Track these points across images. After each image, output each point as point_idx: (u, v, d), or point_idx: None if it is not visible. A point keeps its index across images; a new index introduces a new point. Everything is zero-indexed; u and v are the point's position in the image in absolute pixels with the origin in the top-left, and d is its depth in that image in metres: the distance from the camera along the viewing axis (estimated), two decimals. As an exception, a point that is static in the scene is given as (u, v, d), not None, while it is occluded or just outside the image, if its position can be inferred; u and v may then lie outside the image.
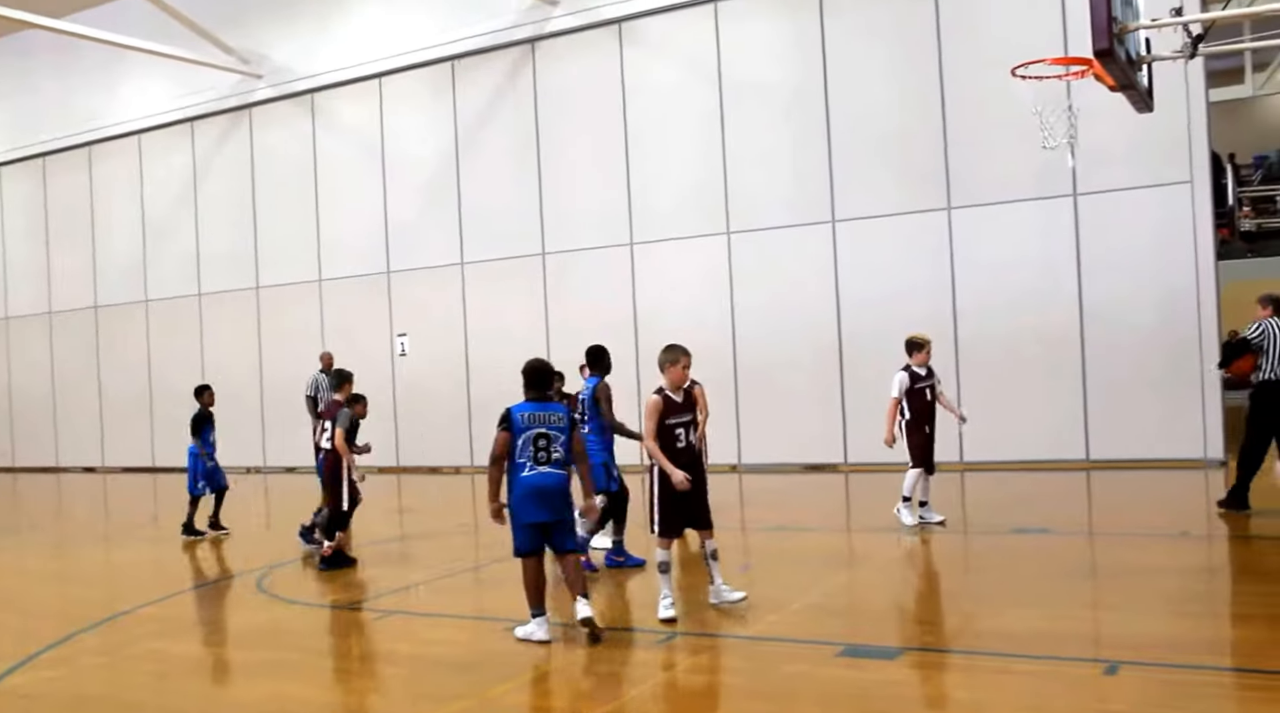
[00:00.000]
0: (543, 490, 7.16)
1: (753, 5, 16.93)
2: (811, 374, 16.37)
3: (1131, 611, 7.57)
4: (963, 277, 15.52)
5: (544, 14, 18.39)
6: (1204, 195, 14.46)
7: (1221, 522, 10.76)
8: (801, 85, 16.52)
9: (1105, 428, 14.74)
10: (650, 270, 17.61)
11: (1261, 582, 8.68)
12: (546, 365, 7.63)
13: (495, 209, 18.94)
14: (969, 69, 15.21)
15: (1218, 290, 14.51)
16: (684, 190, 17.37)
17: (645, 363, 17.22)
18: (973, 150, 15.40)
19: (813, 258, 16.38)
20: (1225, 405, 14.51)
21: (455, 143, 19.37)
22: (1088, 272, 14.86)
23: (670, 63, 17.65)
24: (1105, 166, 14.47)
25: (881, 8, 16.08)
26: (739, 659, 6.95)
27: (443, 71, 19.44)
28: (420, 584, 9.68)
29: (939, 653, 6.87)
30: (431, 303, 19.55)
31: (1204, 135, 14.49)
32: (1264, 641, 6.80)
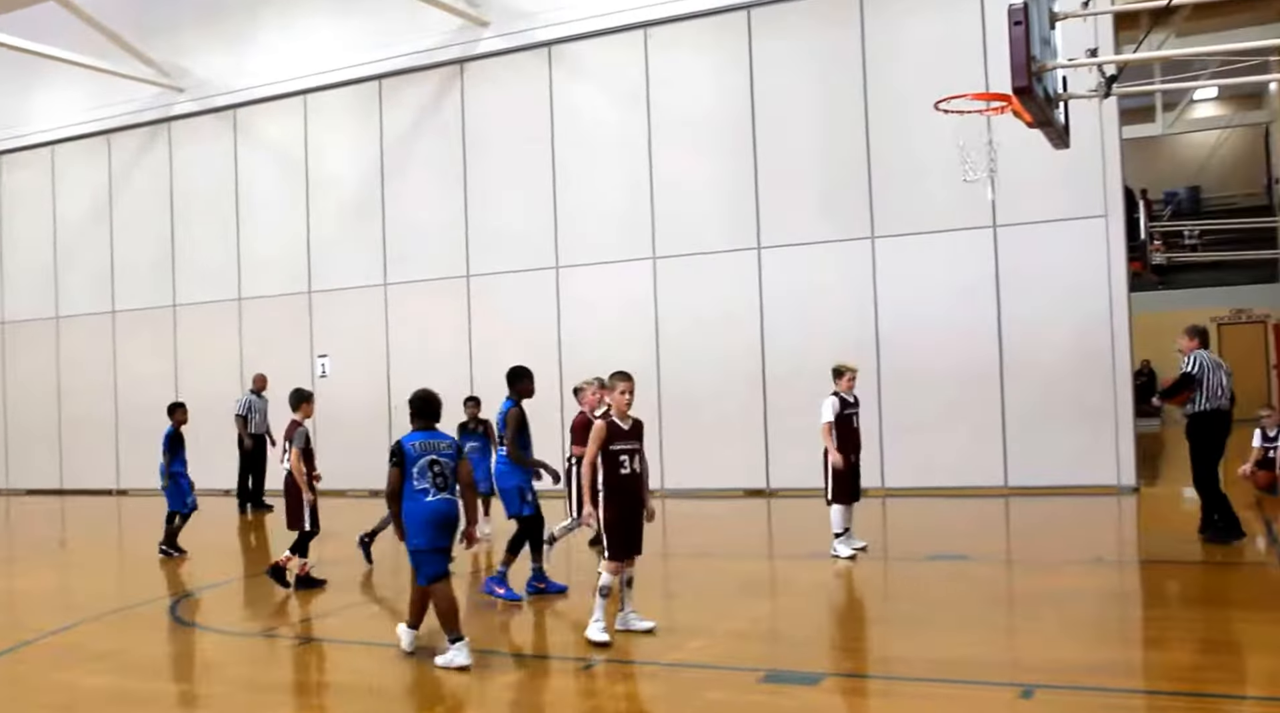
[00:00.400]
0: (445, 517, 7.24)
1: (682, 33, 17.05)
2: (735, 400, 16.44)
3: (1047, 635, 7.68)
4: (886, 305, 15.72)
5: (474, 35, 18.33)
6: (1118, 229, 14.83)
7: (1133, 548, 10.98)
8: (729, 113, 16.66)
9: (1023, 455, 15.00)
10: (576, 294, 17.58)
11: (1172, 606, 8.88)
12: (434, 396, 7.66)
13: (420, 230, 18.79)
14: (894, 100, 15.46)
15: (1130, 321, 14.86)
16: (611, 215, 17.39)
17: (569, 387, 17.17)
18: (897, 180, 15.63)
19: (737, 284, 16.48)
20: (1137, 433, 14.85)
21: (381, 162, 19.20)
22: (1006, 301, 15.15)
23: (599, 87, 17.70)
24: (1024, 199, 14.77)
25: (809, 39, 16.29)
26: (660, 687, 6.91)
27: (369, 90, 19.28)
28: (340, 611, 9.51)
29: (859, 679, 6.91)
30: (354, 324, 19.30)
31: (1118, 171, 14.87)
32: (1175, 664, 6.94)
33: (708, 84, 16.91)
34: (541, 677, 7.22)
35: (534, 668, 7.35)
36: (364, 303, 19.18)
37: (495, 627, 8.64)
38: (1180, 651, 7.25)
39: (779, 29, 16.38)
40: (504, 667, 7.48)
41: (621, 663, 7.26)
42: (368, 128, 19.30)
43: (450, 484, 7.29)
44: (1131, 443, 14.63)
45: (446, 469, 7.29)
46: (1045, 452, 14.80)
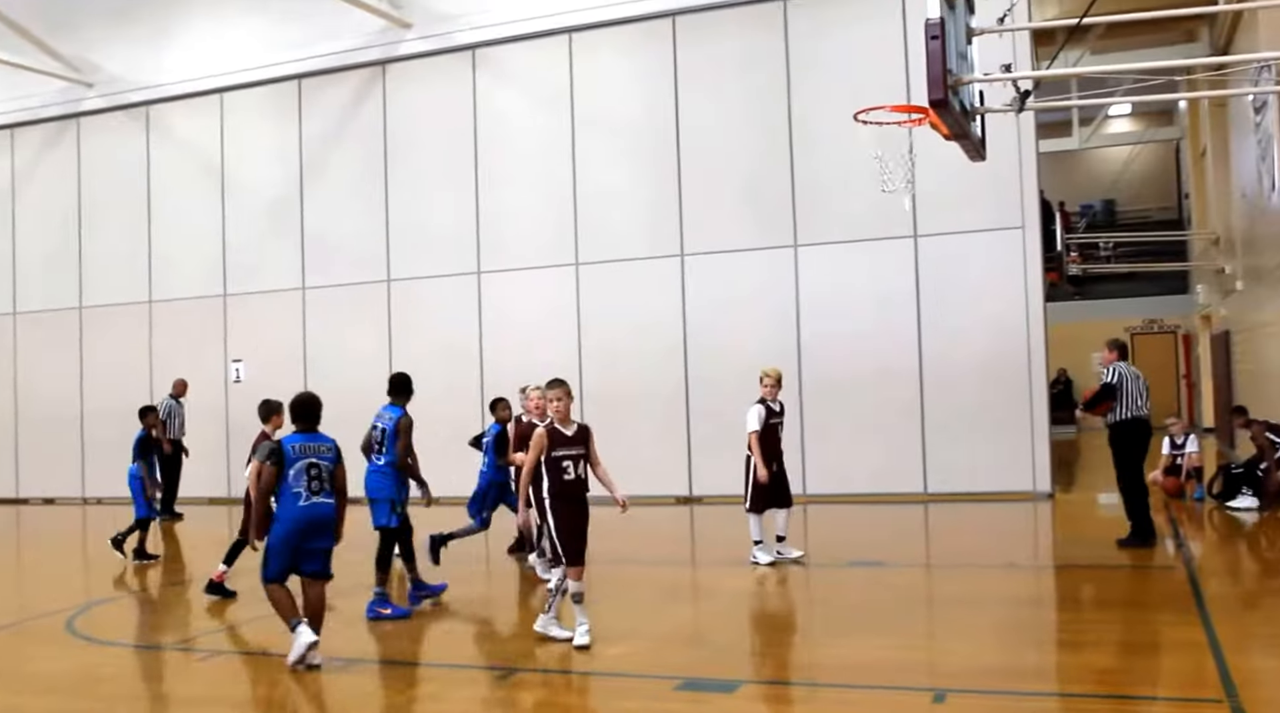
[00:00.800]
0: (317, 520, 7.27)
1: (607, 38, 17.00)
2: (658, 407, 16.40)
3: (962, 640, 7.73)
4: (807, 313, 15.80)
5: (396, 36, 18.10)
6: (1034, 240, 15.07)
7: (1048, 553, 11.12)
8: (654, 119, 16.64)
9: (941, 462, 15.15)
10: (498, 300, 17.42)
11: (1083, 609, 8.99)
12: (314, 398, 7.69)
13: (340, 233, 18.49)
14: (817, 110, 15.55)
15: (1046, 331, 15.10)
16: (534, 220, 17.27)
17: (491, 393, 16.99)
18: (820, 189, 15.73)
19: (661, 291, 16.45)
20: (1052, 441, 15.09)
21: (300, 164, 18.86)
22: (926, 311, 15.31)
23: (524, 92, 17.58)
24: (944, 210, 14.96)
25: (733, 47, 16.34)
26: (578, 696, 6.82)
27: (289, 90, 18.93)
28: (252, 622, 9.26)
29: (777, 685, 6.88)
30: (270, 328, 18.90)
31: (1034, 184, 15.11)
32: (1086, 666, 7.01)
33: (633, 90, 16.88)
34: (458, 686, 7.08)
35: (448, 678, 7.20)
36: (281, 307, 18.80)
37: (407, 637, 8.47)
38: (1092, 653, 7.33)
39: (704, 36, 16.41)
40: (417, 677, 7.34)
41: (537, 672, 7.15)
42: (287, 128, 18.95)
43: (325, 487, 7.31)
44: (1047, 450, 14.86)
45: (324, 473, 7.32)
46: (963, 459, 14.96)
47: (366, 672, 7.53)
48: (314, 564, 7.34)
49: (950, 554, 11.75)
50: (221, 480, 18.70)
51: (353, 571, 10.20)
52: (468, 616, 9.31)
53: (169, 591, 10.11)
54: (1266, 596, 9.34)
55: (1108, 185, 33.29)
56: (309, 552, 7.30)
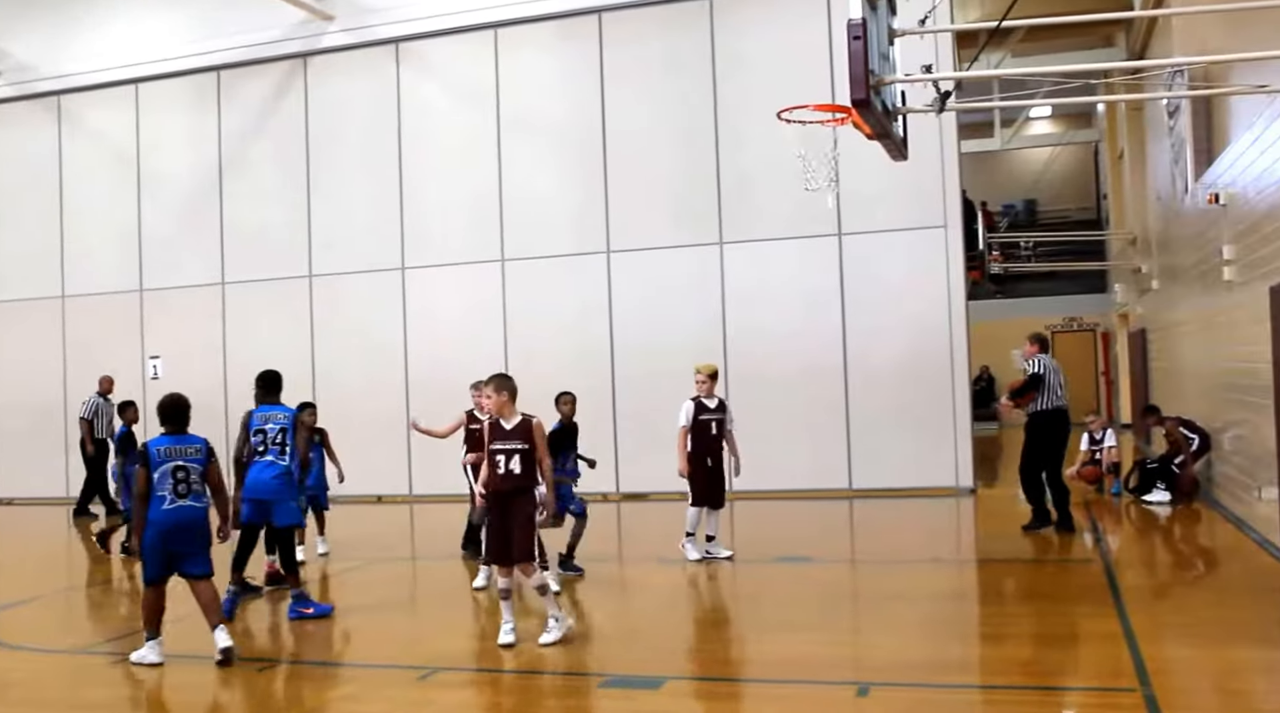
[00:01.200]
0: (183, 523, 7.26)
1: (532, 34, 16.89)
2: (584, 403, 16.24)
3: (886, 634, 7.80)
4: (733, 310, 15.85)
5: (318, 29, 17.82)
6: (956, 239, 15.27)
7: (970, 548, 11.27)
8: (579, 116, 16.58)
9: (866, 458, 15.29)
10: (422, 296, 17.24)
11: (1005, 603, 9.13)
12: (183, 400, 7.63)
13: (260, 228, 18.14)
14: (743, 108, 15.59)
15: (968, 329, 15.31)
16: (459, 216, 17.11)
17: (414, 390, 16.86)
18: (745, 187, 15.78)
19: (587, 288, 16.40)
20: (975, 437, 15.30)
21: (219, 156, 18.48)
22: (850, 308, 15.44)
23: (448, 87, 17.41)
24: (867, 209, 15.11)
25: (659, 44, 16.33)
26: (500, 694, 6.76)
27: (207, 81, 18.54)
28: (170, 623, 9.04)
29: (702, 681, 6.88)
30: (189, 324, 18.48)
31: (956, 184, 15.31)
32: (1008, 658, 7.12)
33: (558, 87, 16.80)
34: (377, 687, 6.98)
35: (369, 678, 7.10)
36: (200, 302, 18.41)
37: (329, 638, 8.34)
38: (1014, 645, 7.44)
39: (630, 33, 16.39)
40: (338, 678, 7.23)
41: (461, 671, 7.08)
42: (205, 120, 18.56)
43: (192, 490, 7.32)
44: (969, 446, 15.07)
45: (192, 475, 7.33)
46: (887, 455, 15.11)
47: (286, 674, 7.41)
48: (193, 566, 7.36)
49: (875, 550, 11.88)
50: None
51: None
52: (392, 615, 9.20)
53: (85, 593, 9.86)
54: (1178, 586, 9.56)
55: (1029, 186, 33.90)
56: (183, 555, 7.33)
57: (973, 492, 14.94)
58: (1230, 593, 8.91)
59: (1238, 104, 11.36)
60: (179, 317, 18.56)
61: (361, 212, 17.56)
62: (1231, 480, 11.96)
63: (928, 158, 14.10)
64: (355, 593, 10.05)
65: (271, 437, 8.90)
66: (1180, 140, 14.56)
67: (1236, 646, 7.03)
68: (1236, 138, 11.14)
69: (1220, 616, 7.90)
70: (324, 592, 9.98)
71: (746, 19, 15.91)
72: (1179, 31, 14.74)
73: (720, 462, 10.73)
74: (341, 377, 17.13)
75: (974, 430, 15.32)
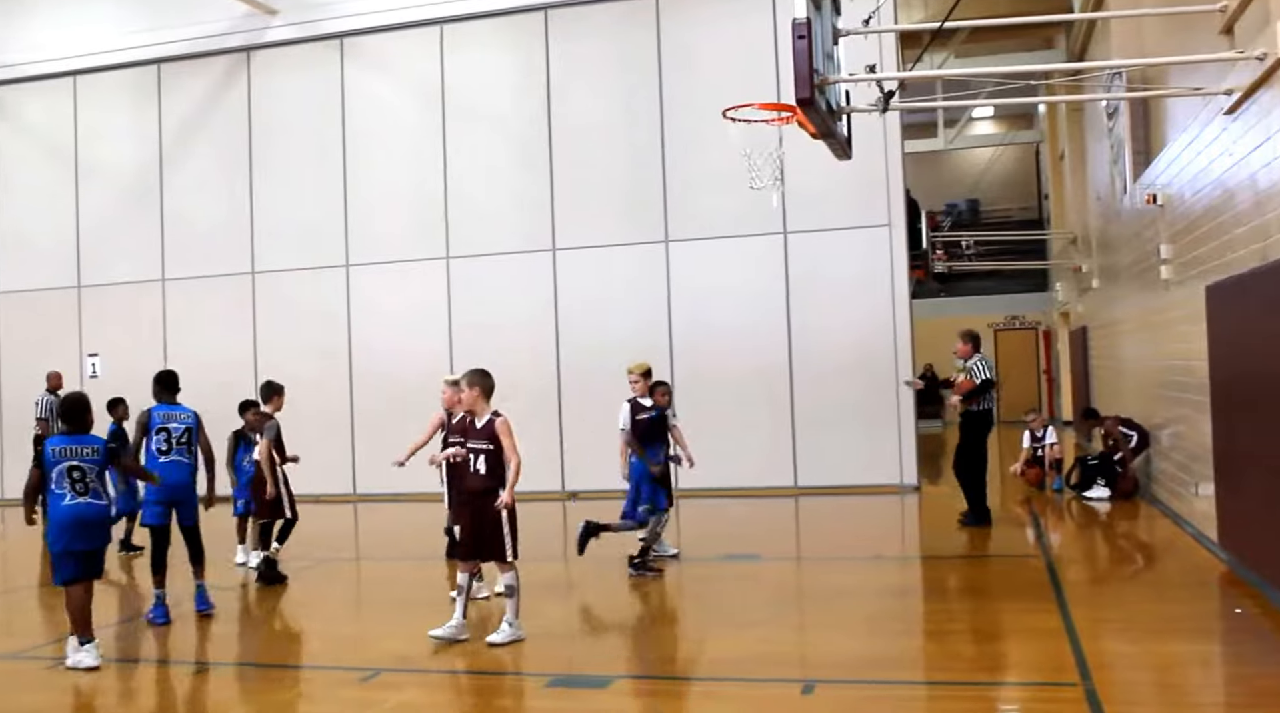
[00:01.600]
0: (84, 520, 7.29)
1: (478, 31, 16.81)
2: (530, 401, 16.26)
3: (831, 631, 7.85)
4: (679, 308, 15.88)
5: (261, 23, 17.59)
6: (900, 238, 15.40)
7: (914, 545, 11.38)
8: (526, 113, 16.52)
9: (811, 456, 15.37)
10: (367, 293, 17.10)
11: (948, 599, 9.22)
12: (83, 399, 7.68)
13: (202, 223, 17.88)
14: (689, 106, 15.60)
15: (912, 327, 15.45)
16: (404, 213, 16.99)
17: (359, 388, 16.72)
18: (691, 185, 15.81)
19: (533, 285, 16.35)
20: (918, 434, 15.44)
21: (159, 151, 18.20)
22: (795, 306, 15.53)
23: (394, 83, 17.27)
24: (813, 207, 15.18)
25: (605, 43, 16.32)
26: (447, 694, 6.72)
27: (147, 74, 18.25)
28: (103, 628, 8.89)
29: (649, 680, 6.88)
30: (128, 321, 18.18)
31: (900, 183, 15.43)
32: (951, 654, 7.19)
33: (505, 84, 16.73)
34: (323, 688, 6.92)
35: (314, 680, 7.03)
36: (140, 299, 18.12)
37: (273, 638, 8.25)
38: (957, 641, 7.51)
39: (577, 31, 16.35)
40: (283, 680, 7.15)
41: (407, 672, 7.02)
42: (145, 114, 18.26)
43: (90, 488, 7.33)
44: (913, 444, 15.21)
45: (89, 474, 7.35)
46: (832, 453, 15.21)
47: (230, 675, 7.31)
48: (98, 565, 7.49)
49: (821, 547, 11.95)
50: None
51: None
52: (337, 616, 9.12)
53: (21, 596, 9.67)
54: (1118, 582, 9.71)
55: (971, 185, 34.28)
56: (93, 553, 7.39)
57: (917, 489, 15.08)
58: (1168, 588, 9.07)
59: (1174, 106, 11.55)
60: (118, 314, 18.25)
61: (305, 208, 17.38)
62: (1169, 477, 12.17)
63: (872, 157, 14.23)
64: (300, 594, 9.94)
65: (177, 436, 8.83)
66: (1119, 141, 14.78)
67: (1174, 639, 7.16)
68: (1173, 139, 11.34)
69: (1158, 610, 8.04)
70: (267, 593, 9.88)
71: (693, 17, 15.95)
72: (1118, 34, 14.96)
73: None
74: (284, 375, 16.79)
75: (918, 428, 15.46)
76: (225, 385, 17.08)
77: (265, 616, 9.34)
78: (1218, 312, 8.92)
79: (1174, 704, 5.96)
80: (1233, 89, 8.19)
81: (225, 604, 9.09)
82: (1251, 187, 8.04)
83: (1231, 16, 8.88)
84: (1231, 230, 8.65)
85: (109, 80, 18.49)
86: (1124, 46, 14.41)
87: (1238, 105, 8.21)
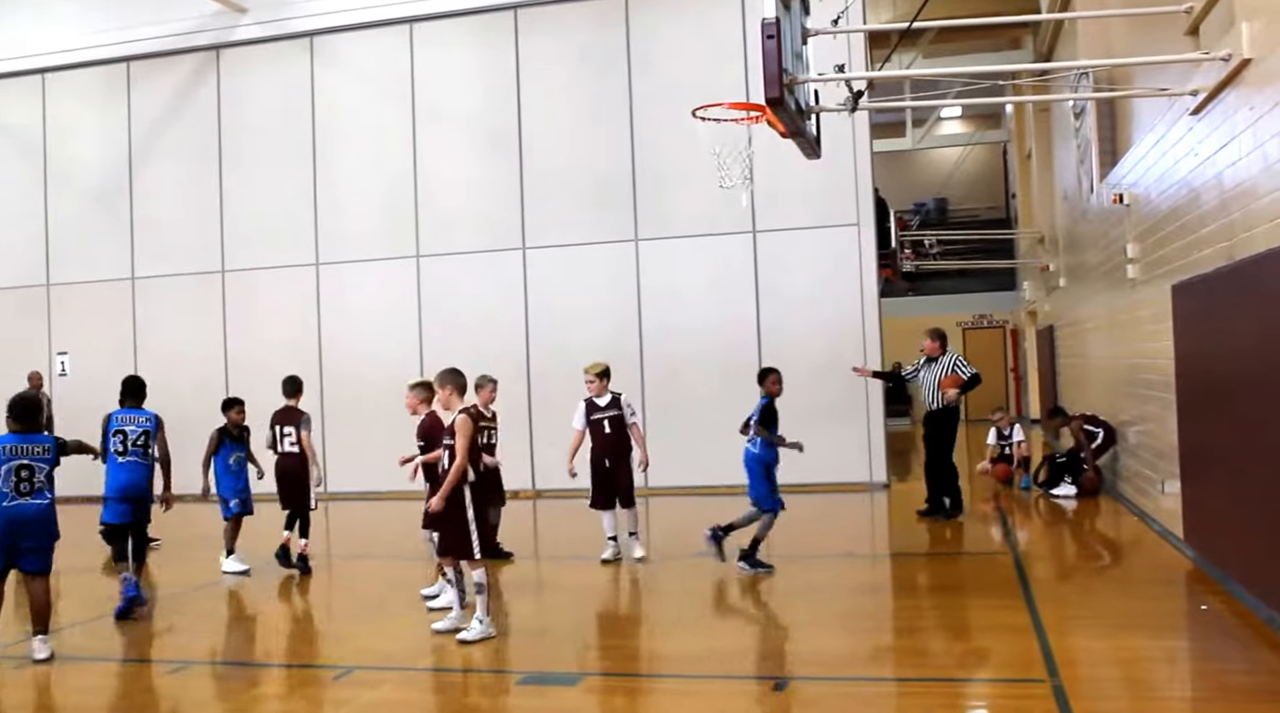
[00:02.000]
0: (21, 519, 7.33)
1: (448, 29, 16.77)
2: (500, 400, 16.17)
3: (802, 628, 7.89)
4: (649, 306, 15.90)
5: (230, 21, 17.49)
6: (869, 237, 15.48)
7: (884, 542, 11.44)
8: (495, 112, 16.50)
9: (781, 453, 15.37)
10: (337, 292, 17.03)
11: (916, 596, 9.28)
12: (31, 399, 7.85)
13: (172, 222, 17.77)
14: (659, 105, 15.63)
15: (881, 326, 15.54)
16: (374, 212, 16.94)
17: (330, 386, 16.64)
18: (661, 184, 15.84)
19: (503, 284, 16.34)
20: (887, 432, 15.53)
21: (129, 149, 18.05)
22: (765, 305, 15.58)
23: (363, 81, 17.20)
24: (782, 207, 15.24)
25: (575, 40, 16.31)
26: (418, 692, 6.71)
27: (116, 72, 18.11)
28: (76, 626, 8.83)
29: (620, 677, 6.89)
30: (98, 320, 18.04)
31: (869, 182, 15.52)
32: (921, 650, 7.24)
33: (475, 83, 16.70)
34: (297, 684, 6.89)
35: (285, 679, 7.00)
36: (110, 298, 17.97)
37: (243, 638, 8.22)
38: (927, 638, 7.57)
39: (546, 30, 16.35)
40: (255, 678, 7.11)
41: (378, 669, 7.01)
42: (115, 112, 18.11)
43: (35, 488, 7.39)
44: (882, 441, 15.30)
45: (37, 474, 7.42)
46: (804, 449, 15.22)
47: (201, 674, 7.27)
48: (30, 562, 7.42)
49: (791, 545, 11.96)
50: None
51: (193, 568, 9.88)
52: (309, 614, 9.08)
53: None
54: (1085, 579, 9.80)
55: (940, 185, 34.49)
56: (22, 550, 7.37)
57: (886, 486, 15.16)
58: (1134, 584, 9.16)
59: (1140, 106, 11.67)
60: (88, 312, 18.12)
61: (275, 206, 17.30)
62: (1136, 474, 12.29)
63: (841, 156, 14.31)
64: (271, 593, 9.89)
65: (133, 439, 8.99)
66: (1085, 141, 14.91)
67: (1141, 635, 7.24)
68: (1139, 139, 11.44)
69: (1125, 606, 8.13)
70: (240, 592, 9.83)
71: (662, 16, 15.98)
72: (1084, 35, 15.10)
73: (620, 460, 10.65)
74: (254, 374, 16.78)
75: (887, 426, 15.55)
76: (196, 384, 17.06)
77: (237, 615, 9.31)
78: (1184, 311, 9.02)
79: (1140, 699, 6.03)
80: (1198, 89, 8.28)
81: (198, 604, 9.03)
82: (1217, 186, 8.13)
83: (1197, 18, 8.99)
84: (1197, 230, 8.75)
85: (78, 78, 18.34)
86: (1090, 47, 14.54)
87: (1203, 106, 8.30)
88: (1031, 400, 26.59)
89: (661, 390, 15.56)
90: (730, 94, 12.74)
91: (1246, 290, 7.18)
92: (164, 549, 11.71)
